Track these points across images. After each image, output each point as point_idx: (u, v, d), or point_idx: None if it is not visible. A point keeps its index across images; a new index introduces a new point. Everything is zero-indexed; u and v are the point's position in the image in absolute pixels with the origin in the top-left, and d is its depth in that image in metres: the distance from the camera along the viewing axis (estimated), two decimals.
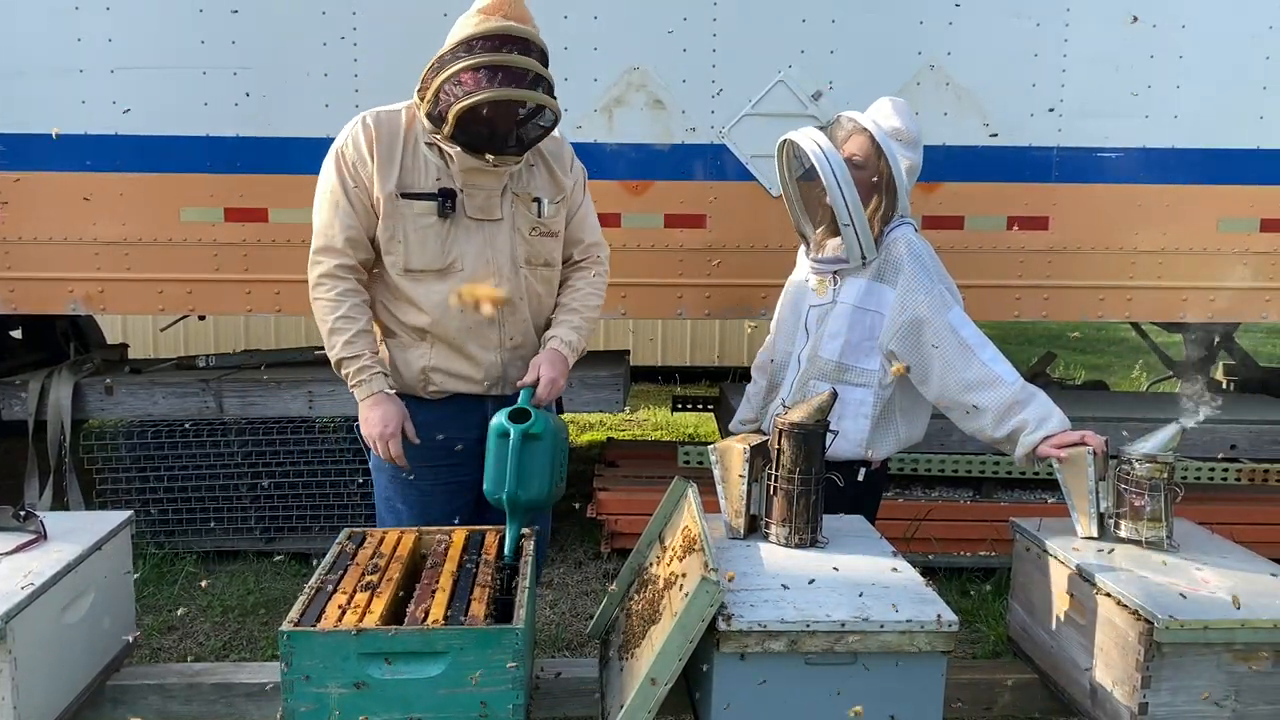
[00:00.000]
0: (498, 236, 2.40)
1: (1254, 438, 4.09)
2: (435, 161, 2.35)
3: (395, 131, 2.35)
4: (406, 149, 2.34)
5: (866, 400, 2.54)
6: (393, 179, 2.32)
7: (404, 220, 2.34)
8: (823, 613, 1.78)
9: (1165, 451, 2.19)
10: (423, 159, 2.35)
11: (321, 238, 2.35)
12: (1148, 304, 3.94)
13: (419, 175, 2.34)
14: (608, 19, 3.69)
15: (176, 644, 3.57)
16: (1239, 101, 3.75)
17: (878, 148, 2.47)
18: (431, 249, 2.35)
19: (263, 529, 4.21)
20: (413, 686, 1.71)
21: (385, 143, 2.33)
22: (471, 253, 2.37)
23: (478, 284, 2.34)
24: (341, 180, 2.33)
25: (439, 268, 2.36)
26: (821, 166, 2.45)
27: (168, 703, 2.20)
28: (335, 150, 2.35)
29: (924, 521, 4.05)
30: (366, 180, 2.32)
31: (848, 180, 2.44)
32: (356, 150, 2.32)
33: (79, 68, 3.69)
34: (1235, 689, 1.89)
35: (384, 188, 2.32)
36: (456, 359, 2.43)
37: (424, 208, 2.33)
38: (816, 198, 2.56)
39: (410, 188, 2.34)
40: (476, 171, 2.33)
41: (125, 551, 2.32)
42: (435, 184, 2.34)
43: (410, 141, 2.35)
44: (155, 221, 3.81)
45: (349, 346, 2.32)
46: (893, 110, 2.55)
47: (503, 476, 2.17)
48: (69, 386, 4.13)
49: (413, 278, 2.37)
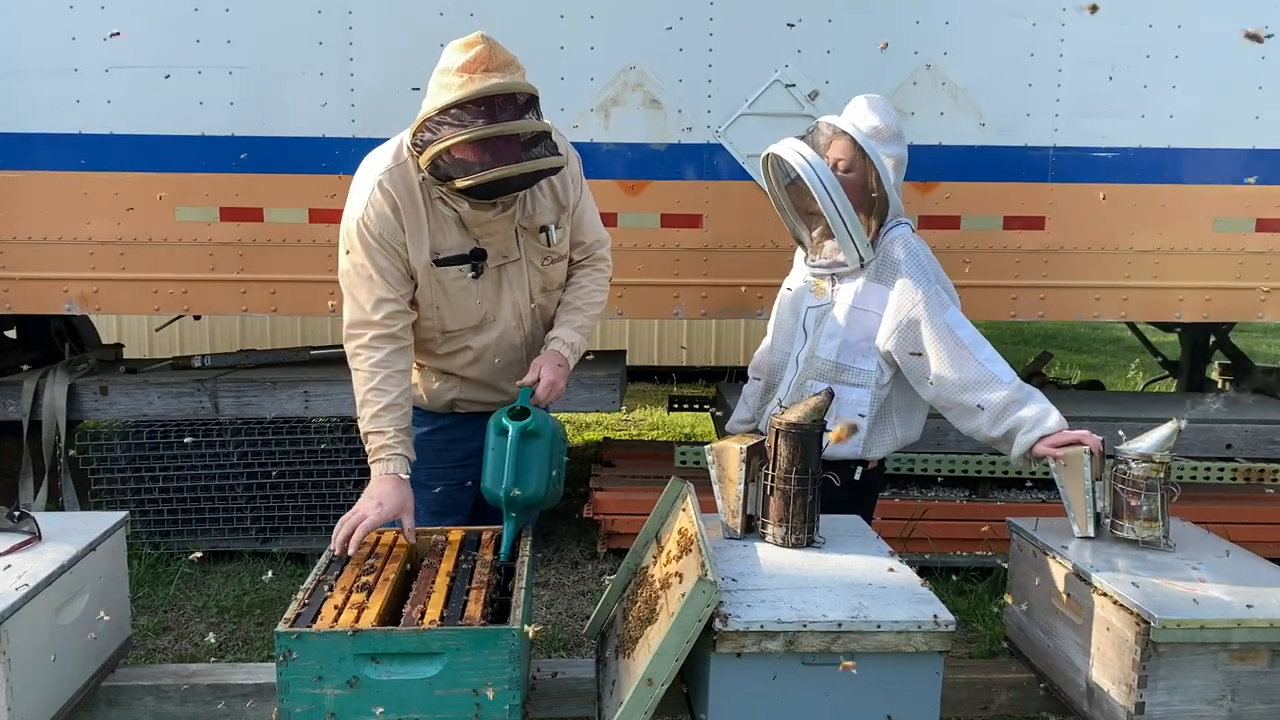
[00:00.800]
0: (520, 275, 2.41)
1: (1249, 437, 4.10)
2: (451, 215, 2.29)
3: (412, 192, 2.26)
4: (428, 210, 2.28)
5: (863, 400, 2.54)
6: (425, 247, 2.28)
7: (441, 287, 2.32)
8: (819, 613, 1.78)
9: (1161, 451, 2.19)
10: (440, 215, 2.29)
11: (357, 312, 2.28)
12: (1144, 304, 3.95)
13: (444, 235, 2.30)
14: (604, 18, 3.69)
15: (172, 644, 3.56)
16: (1235, 102, 3.75)
17: (860, 149, 2.47)
18: (468, 309, 2.37)
19: (259, 529, 4.20)
20: (409, 687, 1.71)
21: (408, 208, 2.26)
22: (499, 303, 2.40)
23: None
24: (368, 253, 2.25)
25: (475, 324, 2.39)
26: (808, 177, 2.44)
27: (163, 703, 2.20)
28: (356, 221, 2.25)
29: (920, 521, 4.05)
30: (399, 248, 2.26)
31: (836, 187, 2.44)
32: (382, 220, 2.24)
33: (74, 67, 3.68)
34: (1232, 689, 1.89)
35: (419, 257, 2.27)
36: (487, 392, 2.49)
37: (458, 272, 2.32)
38: (807, 204, 2.55)
39: (439, 252, 2.29)
40: (488, 222, 2.30)
41: (120, 552, 2.31)
42: (458, 238, 2.30)
43: (427, 200, 2.28)
44: (150, 221, 3.80)
45: (374, 421, 2.24)
46: (869, 108, 2.55)
47: (501, 473, 2.17)
48: (64, 386, 4.11)
49: (449, 337, 2.40)
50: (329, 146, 3.74)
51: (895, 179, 2.53)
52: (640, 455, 4.82)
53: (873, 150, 2.46)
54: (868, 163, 2.47)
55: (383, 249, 2.25)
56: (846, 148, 2.49)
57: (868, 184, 2.49)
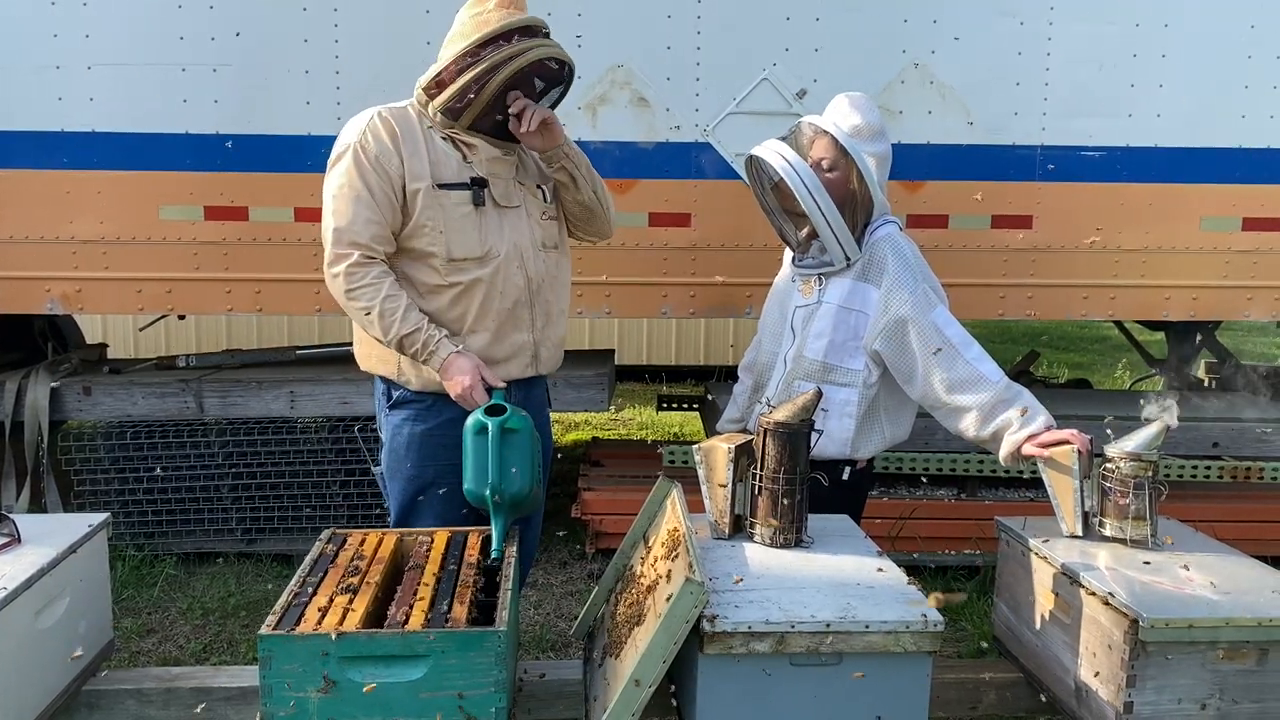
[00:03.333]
0: (521, 222, 2.47)
1: (1236, 435, 4.11)
2: (454, 154, 2.39)
3: (411, 125, 2.37)
4: (428, 145, 2.37)
5: (851, 400, 2.54)
6: (427, 171, 2.35)
7: (444, 211, 2.36)
8: (808, 613, 1.77)
9: (1149, 450, 2.19)
10: (441, 152, 2.38)
11: (345, 233, 2.31)
12: (1131, 302, 3.95)
13: (443, 167, 2.38)
14: (591, 16, 3.67)
15: (155, 647, 3.53)
16: (1221, 100, 3.76)
17: (843, 148, 2.46)
18: (472, 238, 2.39)
19: (244, 530, 4.17)
20: (393, 690, 1.69)
21: (407, 136, 2.35)
22: (502, 239, 2.43)
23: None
24: (363, 175, 2.31)
25: (478, 255, 2.40)
26: (790, 179, 2.43)
27: (145, 707, 2.18)
28: (351, 145, 2.33)
29: (909, 520, 4.05)
30: (394, 174, 2.32)
31: (819, 188, 2.43)
32: (379, 144, 2.32)
33: (55, 64, 3.65)
34: (1220, 688, 1.89)
35: (420, 180, 2.34)
36: (494, 344, 2.46)
37: (460, 197, 2.37)
38: (792, 205, 2.54)
39: (441, 179, 2.37)
40: (496, 161, 2.42)
41: (102, 554, 2.28)
42: (460, 175, 2.38)
43: (426, 135, 2.38)
44: (134, 220, 3.76)
45: (405, 322, 2.30)
46: (850, 107, 2.53)
47: (484, 471, 2.16)
48: (46, 387, 4.07)
49: (455, 267, 2.39)
50: (314, 145, 3.70)
51: (879, 177, 2.51)
52: (628, 455, 4.80)
53: (855, 149, 2.45)
54: (850, 162, 2.46)
55: (377, 172, 2.31)
56: (828, 147, 2.48)
57: (851, 183, 2.48)
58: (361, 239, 2.30)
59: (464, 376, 2.32)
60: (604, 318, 4.11)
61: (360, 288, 2.30)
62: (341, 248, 2.31)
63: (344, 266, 2.30)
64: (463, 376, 2.32)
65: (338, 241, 2.31)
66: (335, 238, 2.32)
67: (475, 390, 2.31)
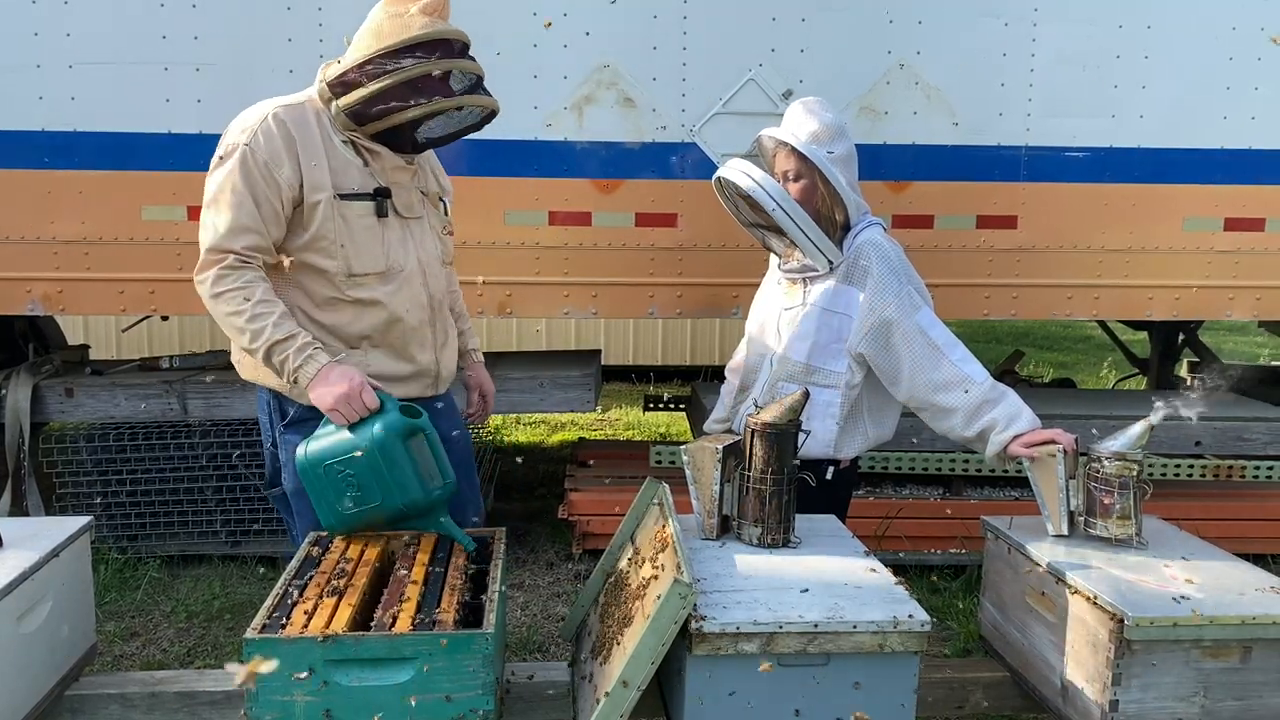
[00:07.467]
0: (424, 236, 2.40)
1: (1219, 434, 4.14)
2: (354, 160, 2.24)
3: (309, 129, 2.20)
4: (328, 150, 2.21)
5: (834, 401, 2.54)
6: (328, 180, 2.20)
7: (346, 223, 2.22)
8: (795, 614, 1.77)
9: (1134, 449, 2.21)
10: (342, 158, 2.23)
11: (222, 239, 2.13)
12: (1115, 302, 3.98)
13: (345, 176, 2.23)
14: (577, 16, 3.67)
15: (139, 650, 3.50)
16: (1204, 102, 3.79)
17: (802, 156, 2.46)
18: (375, 252, 2.26)
19: (228, 533, 4.14)
20: (380, 693, 1.68)
21: (305, 141, 2.18)
22: (406, 254, 2.33)
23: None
24: (248, 181, 2.13)
25: (381, 270, 2.28)
26: (759, 196, 2.43)
27: (129, 712, 2.16)
28: (239, 146, 2.14)
29: (894, 519, 4.06)
30: (284, 183, 2.15)
31: (789, 201, 2.43)
32: (271, 149, 2.14)
33: (36, 63, 3.61)
34: (1204, 685, 1.90)
35: (321, 191, 2.18)
36: (397, 362, 2.34)
37: (363, 208, 2.24)
38: (767, 219, 2.53)
39: (342, 188, 2.22)
40: (399, 169, 2.30)
41: (84, 558, 2.27)
42: (363, 184, 2.24)
43: (326, 139, 2.22)
44: (116, 220, 3.73)
45: (278, 329, 2.11)
46: (805, 113, 2.52)
47: (433, 472, 2.15)
48: (27, 389, 4.03)
49: (355, 282, 2.25)
50: None
51: (847, 177, 2.51)
52: (615, 455, 4.80)
53: (816, 155, 2.45)
54: (813, 168, 2.46)
55: (265, 180, 2.14)
56: (789, 157, 2.49)
57: (819, 189, 2.48)
58: (236, 246, 2.13)
59: (346, 382, 2.09)
60: (590, 318, 4.10)
61: (230, 291, 2.12)
62: (215, 254, 2.14)
63: (213, 272, 2.13)
64: (345, 381, 2.09)
65: (212, 248, 2.14)
66: (210, 242, 2.15)
67: (365, 391, 2.09)
